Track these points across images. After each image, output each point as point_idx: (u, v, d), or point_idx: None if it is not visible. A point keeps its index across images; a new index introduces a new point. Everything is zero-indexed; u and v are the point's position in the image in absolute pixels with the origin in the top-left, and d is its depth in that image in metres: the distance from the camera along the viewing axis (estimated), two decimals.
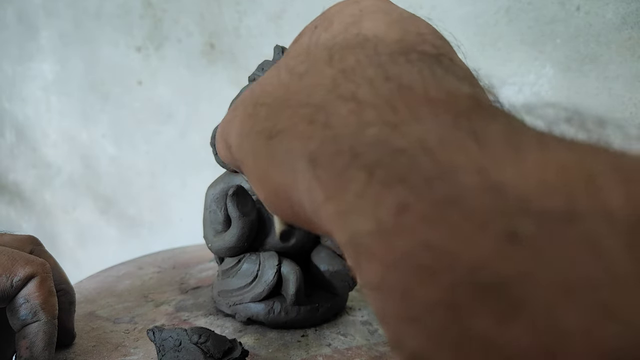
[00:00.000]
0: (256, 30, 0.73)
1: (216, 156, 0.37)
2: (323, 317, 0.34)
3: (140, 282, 0.44)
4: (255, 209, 0.33)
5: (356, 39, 0.15)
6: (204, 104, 0.81)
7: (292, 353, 0.31)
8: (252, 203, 0.33)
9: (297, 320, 0.33)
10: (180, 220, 0.87)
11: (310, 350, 0.31)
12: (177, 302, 0.39)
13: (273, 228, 0.34)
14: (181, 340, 0.26)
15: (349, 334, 0.33)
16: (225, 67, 0.77)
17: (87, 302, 0.40)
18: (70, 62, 0.93)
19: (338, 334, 0.33)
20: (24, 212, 1.13)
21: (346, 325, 0.35)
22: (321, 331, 0.34)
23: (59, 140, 1.00)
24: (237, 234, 0.33)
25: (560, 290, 0.08)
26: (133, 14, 0.83)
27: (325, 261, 0.34)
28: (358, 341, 0.32)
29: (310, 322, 0.34)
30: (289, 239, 0.34)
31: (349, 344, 0.32)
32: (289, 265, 0.33)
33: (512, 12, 0.56)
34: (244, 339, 0.32)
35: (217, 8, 0.75)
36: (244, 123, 0.16)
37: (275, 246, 0.34)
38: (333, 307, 0.35)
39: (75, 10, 0.90)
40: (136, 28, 0.83)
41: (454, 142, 0.11)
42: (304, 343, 0.32)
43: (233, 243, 0.33)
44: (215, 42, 0.77)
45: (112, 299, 0.41)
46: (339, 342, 0.32)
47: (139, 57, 0.84)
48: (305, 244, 0.35)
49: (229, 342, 0.26)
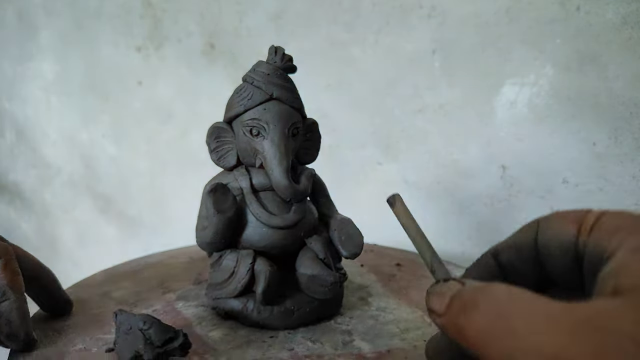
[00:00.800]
0: (256, 30, 0.73)
1: (211, 154, 0.37)
2: (301, 321, 0.34)
3: (166, 270, 0.46)
4: (234, 207, 0.33)
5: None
6: (204, 104, 0.81)
7: (249, 352, 0.30)
8: (231, 201, 0.33)
9: (270, 321, 0.33)
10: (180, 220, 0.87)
11: (268, 352, 0.30)
12: (183, 291, 0.41)
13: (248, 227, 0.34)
14: (132, 325, 0.28)
15: (319, 341, 0.32)
16: (225, 67, 0.77)
17: (109, 284, 0.43)
18: (70, 62, 0.93)
19: (308, 340, 0.32)
20: (24, 212, 1.13)
21: (322, 332, 0.33)
22: (293, 335, 0.33)
23: (59, 140, 1.00)
24: (212, 230, 0.33)
25: None
26: (133, 14, 0.83)
27: (306, 264, 0.34)
28: (324, 350, 0.31)
29: (285, 324, 0.33)
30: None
31: (312, 352, 0.31)
32: (261, 264, 0.33)
33: (512, 12, 0.55)
34: (214, 332, 0.33)
35: (217, 8, 0.75)
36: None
37: (254, 245, 0.34)
38: (314, 312, 0.34)
39: (75, 10, 0.90)
40: (136, 28, 0.83)
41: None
42: (267, 344, 0.32)
43: (209, 239, 0.34)
44: (215, 42, 0.77)
45: (132, 283, 0.43)
46: (303, 348, 0.31)
47: (139, 57, 0.84)
48: (287, 245, 0.34)
49: (173, 332, 0.27)
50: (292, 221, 0.34)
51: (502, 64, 0.57)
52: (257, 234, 0.34)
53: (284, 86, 0.34)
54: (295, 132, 0.34)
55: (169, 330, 0.27)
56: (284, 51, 0.35)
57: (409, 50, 0.61)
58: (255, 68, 0.35)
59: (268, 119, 0.33)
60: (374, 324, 0.34)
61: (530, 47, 0.55)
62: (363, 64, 0.64)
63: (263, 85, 0.34)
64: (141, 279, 0.44)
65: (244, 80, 0.35)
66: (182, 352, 0.28)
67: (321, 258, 0.34)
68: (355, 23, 0.65)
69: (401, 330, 0.33)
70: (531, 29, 0.55)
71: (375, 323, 0.34)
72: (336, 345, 0.31)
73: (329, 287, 0.33)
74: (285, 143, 0.33)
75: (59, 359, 0.30)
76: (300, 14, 0.69)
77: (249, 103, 0.34)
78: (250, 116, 0.34)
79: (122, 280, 0.43)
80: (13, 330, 0.29)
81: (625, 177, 0.53)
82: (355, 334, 0.33)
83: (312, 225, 0.36)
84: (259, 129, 0.33)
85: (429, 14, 0.59)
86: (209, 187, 0.33)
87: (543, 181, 0.57)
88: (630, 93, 0.51)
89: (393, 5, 0.62)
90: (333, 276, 0.33)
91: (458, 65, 0.58)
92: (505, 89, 0.57)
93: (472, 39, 0.57)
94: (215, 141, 0.36)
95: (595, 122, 0.54)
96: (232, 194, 0.34)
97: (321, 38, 0.68)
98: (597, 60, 0.52)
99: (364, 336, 0.33)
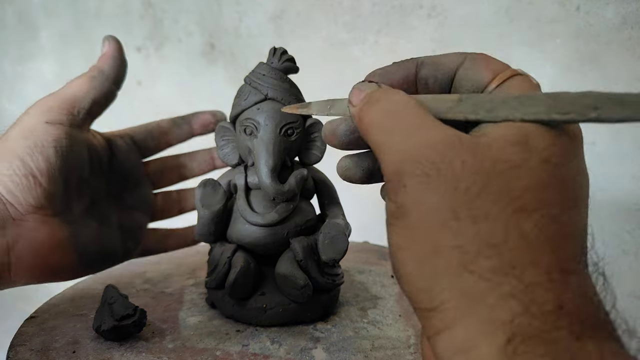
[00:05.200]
0: (256, 30, 0.73)
1: (218, 151, 0.37)
2: (273, 320, 0.33)
3: (204, 260, 0.47)
4: (221, 203, 0.34)
5: None
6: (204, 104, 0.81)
7: (205, 341, 0.31)
8: (220, 196, 0.35)
9: (242, 315, 0.34)
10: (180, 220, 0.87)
11: (222, 344, 0.31)
12: (202, 280, 0.42)
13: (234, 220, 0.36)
14: (106, 299, 0.31)
15: (279, 342, 0.31)
16: (225, 67, 0.77)
17: (150, 265, 0.46)
18: (70, 62, 0.93)
19: (269, 340, 0.32)
20: None
21: (290, 335, 0.33)
22: (260, 332, 0.33)
23: None
24: (200, 222, 0.35)
25: None
26: (133, 14, 0.83)
27: (283, 264, 0.34)
28: (276, 352, 0.30)
29: (257, 321, 0.33)
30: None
31: (264, 351, 0.30)
32: (237, 259, 0.33)
33: (512, 12, 0.56)
34: (192, 318, 0.35)
35: (217, 8, 0.76)
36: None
37: (239, 240, 0.35)
38: (288, 313, 0.34)
39: (75, 10, 0.90)
40: (136, 28, 0.83)
41: None
42: (228, 336, 0.32)
43: (198, 230, 0.36)
44: (215, 42, 0.77)
45: (169, 267, 0.46)
46: (257, 347, 0.31)
47: (139, 57, 0.84)
48: (269, 244, 0.35)
49: (132, 310, 0.30)
50: (272, 220, 0.34)
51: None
52: (240, 230, 0.35)
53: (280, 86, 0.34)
54: (291, 132, 0.34)
55: (129, 307, 0.30)
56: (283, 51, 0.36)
57: (409, 50, 0.61)
58: (254, 69, 0.36)
59: (260, 118, 0.34)
60: (351, 336, 0.33)
61: (530, 47, 0.55)
62: (363, 64, 0.64)
63: (259, 85, 0.34)
64: (182, 264, 0.47)
65: (245, 81, 0.36)
66: (135, 328, 0.30)
67: (298, 260, 0.33)
68: (355, 23, 0.65)
69: (372, 348, 0.31)
70: (531, 29, 0.55)
71: (354, 336, 0.33)
72: (292, 350, 0.30)
73: (300, 290, 0.32)
74: (274, 142, 0.33)
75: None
76: (300, 14, 0.69)
77: (245, 103, 0.35)
78: (245, 116, 0.35)
79: (166, 264, 0.47)
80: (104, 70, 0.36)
81: (625, 177, 0.53)
82: (322, 342, 0.32)
83: (301, 226, 0.35)
84: (252, 129, 0.34)
85: (429, 14, 0.59)
86: (200, 181, 0.35)
87: None
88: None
89: (393, 5, 0.62)
90: (304, 279, 0.33)
91: None
92: None
93: (472, 39, 0.57)
94: (221, 139, 0.38)
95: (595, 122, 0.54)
96: (222, 189, 0.35)
97: (321, 38, 0.68)
98: (597, 60, 0.52)
99: (330, 347, 0.31)
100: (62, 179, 0.32)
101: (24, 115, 0.34)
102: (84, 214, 0.35)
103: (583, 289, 0.17)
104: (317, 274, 0.34)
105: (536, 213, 0.17)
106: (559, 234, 0.17)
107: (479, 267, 0.16)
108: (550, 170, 0.18)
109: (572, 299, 0.16)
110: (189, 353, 0.29)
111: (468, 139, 0.18)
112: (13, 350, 0.29)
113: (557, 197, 0.18)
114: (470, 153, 0.17)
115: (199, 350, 0.30)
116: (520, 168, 0.17)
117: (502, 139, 0.18)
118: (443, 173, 0.17)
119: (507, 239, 0.17)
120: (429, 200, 0.17)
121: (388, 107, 0.21)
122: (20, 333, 0.32)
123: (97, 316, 0.31)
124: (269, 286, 0.35)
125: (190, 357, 0.29)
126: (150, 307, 0.36)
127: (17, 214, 0.31)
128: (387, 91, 0.22)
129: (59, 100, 0.34)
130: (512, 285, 0.16)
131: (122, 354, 0.29)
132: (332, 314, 0.36)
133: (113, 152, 0.39)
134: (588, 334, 0.15)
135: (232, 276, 0.32)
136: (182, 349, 0.30)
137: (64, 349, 0.30)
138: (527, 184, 0.17)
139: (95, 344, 0.30)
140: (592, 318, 0.16)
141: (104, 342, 0.30)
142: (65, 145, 0.32)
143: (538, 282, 0.16)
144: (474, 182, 0.17)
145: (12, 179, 0.30)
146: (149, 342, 0.30)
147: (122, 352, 0.29)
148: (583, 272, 0.18)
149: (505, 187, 0.17)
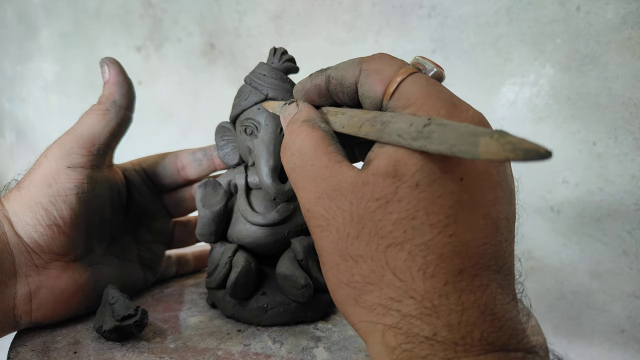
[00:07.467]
0: (256, 30, 0.73)
1: (218, 151, 0.37)
2: (274, 320, 0.33)
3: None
4: (221, 203, 0.35)
5: None
6: (204, 104, 0.81)
7: (207, 341, 0.31)
8: (221, 196, 0.35)
9: (243, 315, 0.34)
10: None
11: (224, 344, 0.31)
12: (202, 280, 0.42)
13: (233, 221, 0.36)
14: (107, 299, 0.31)
15: (281, 342, 0.31)
16: (225, 67, 0.77)
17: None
18: (70, 62, 0.93)
19: (270, 339, 0.32)
20: None
21: (292, 334, 0.32)
22: (261, 332, 0.33)
23: None
24: (200, 222, 0.36)
25: None
26: (133, 14, 0.83)
27: (284, 264, 0.34)
28: (279, 351, 0.30)
29: (257, 321, 0.33)
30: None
31: (265, 351, 0.30)
32: (238, 258, 0.33)
33: (512, 12, 0.56)
34: (193, 318, 0.34)
35: (217, 8, 0.76)
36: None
37: (240, 240, 0.35)
38: (288, 313, 0.34)
39: (75, 10, 0.90)
40: (136, 28, 0.83)
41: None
42: (230, 336, 0.32)
43: (199, 230, 0.36)
44: (215, 42, 0.77)
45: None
46: (259, 346, 0.31)
47: (139, 57, 0.84)
48: (270, 244, 0.35)
49: (134, 310, 0.30)
50: (273, 220, 0.34)
51: (502, 64, 0.57)
52: (241, 230, 0.35)
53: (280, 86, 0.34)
54: None
55: (130, 307, 0.30)
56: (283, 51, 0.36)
57: (409, 50, 0.61)
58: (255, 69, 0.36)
59: (260, 118, 0.34)
60: (352, 335, 0.33)
61: (530, 47, 0.55)
62: None
63: (259, 85, 0.35)
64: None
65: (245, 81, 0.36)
66: (137, 329, 0.30)
67: (298, 259, 0.34)
68: (355, 23, 0.65)
69: None
70: (531, 29, 0.55)
71: (355, 335, 0.33)
72: (294, 349, 0.31)
73: (300, 290, 0.32)
74: (275, 142, 0.33)
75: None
76: (300, 14, 0.69)
77: (245, 103, 0.35)
78: (245, 116, 0.35)
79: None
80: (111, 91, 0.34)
81: (625, 177, 0.53)
82: (324, 342, 0.32)
83: (302, 226, 0.35)
84: (252, 129, 0.34)
85: (429, 14, 0.59)
86: (201, 181, 0.36)
87: (543, 181, 0.57)
88: (630, 93, 0.51)
89: (393, 5, 0.62)
90: (304, 279, 0.32)
91: (458, 65, 0.59)
92: (505, 89, 0.57)
93: (472, 39, 0.57)
94: (221, 139, 0.38)
95: (595, 122, 0.54)
96: (223, 189, 0.36)
97: (321, 38, 0.68)
98: (597, 60, 0.52)
99: (331, 346, 0.31)
100: (84, 224, 0.32)
101: (43, 159, 0.32)
102: (104, 252, 0.35)
103: (471, 306, 0.18)
104: (317, 274, 0.34)
105: (408, 243, 0.18)
106: (435, 255, 0.18)
107: (366, 302, 0.19)
108: (421, 195, 0.18)
109: (447, 325, 0.17)
110: (191, 353, 0.29)
111: (353, 180, 0.20)
112: (14, 351, 0.29)
113: (431, 219, 0.18)
114: (350, 199, 0.20)
115: (200, 350, 0.30)
116: (390, 203, 0.19)
117: (376, 171, 0.20)
118: (331, 223, 0.20)
119: (383, 275, 0.19)
120: (325, 245, 0.21)
121: (302, 148, 0.23)
122: (21, 333, 0.32)
123: (98, 316, 0.31)
124: (270, 286, 0.35)
125: (192, 357, 0.29)
126: (151, 307, 0.36)
127: (40, 262, 0.30)
128: (302, 126, 0.24)
129: (78, 139, 0.33)
130: (393, 317, 0.19)
131: (123, 354, 0.29)
132: (333, 313, 0.36)
133: (130, 190, 0.38)
134: (471, 352, 0.17)
135: (233, 276, 0.32)
136: (184, 349, 0.30)
137: (65, 349, 0.30)
138: (397, 218, 0.19)
139: (97, 344, 0.30)
140: (479, 333, 0.17)
141: (105, 343, 0.30)
142: (88, 190, 0.32)
143: (413, 314, 0.18)
144: (351, 228, 0.20)
145: (36, 229, 0.30)
146: (151, 342, 0.31)
147: (124, 352, 0.29)
148: (478, 286, 0.18)
149: (376, 226, 0.19)
